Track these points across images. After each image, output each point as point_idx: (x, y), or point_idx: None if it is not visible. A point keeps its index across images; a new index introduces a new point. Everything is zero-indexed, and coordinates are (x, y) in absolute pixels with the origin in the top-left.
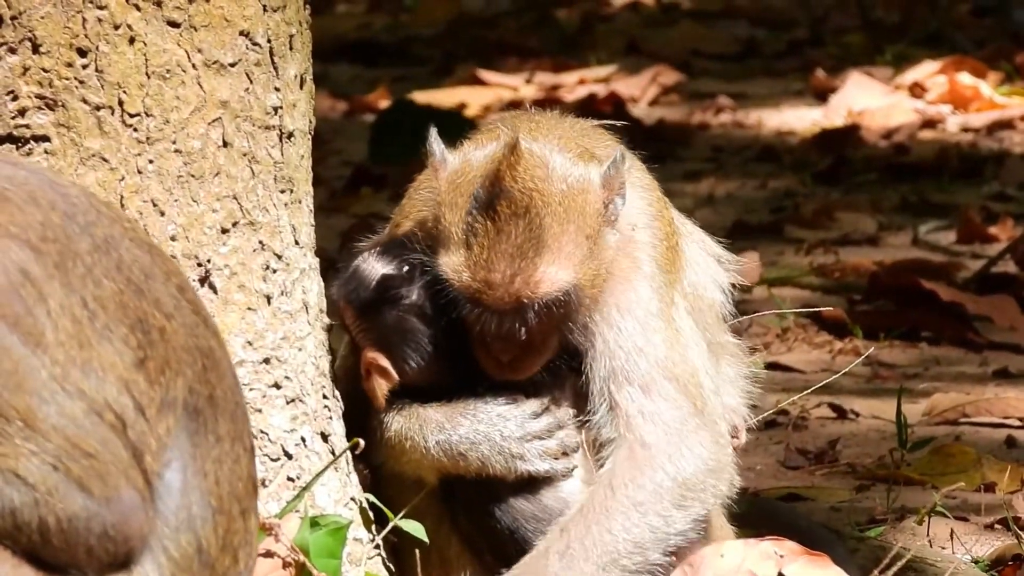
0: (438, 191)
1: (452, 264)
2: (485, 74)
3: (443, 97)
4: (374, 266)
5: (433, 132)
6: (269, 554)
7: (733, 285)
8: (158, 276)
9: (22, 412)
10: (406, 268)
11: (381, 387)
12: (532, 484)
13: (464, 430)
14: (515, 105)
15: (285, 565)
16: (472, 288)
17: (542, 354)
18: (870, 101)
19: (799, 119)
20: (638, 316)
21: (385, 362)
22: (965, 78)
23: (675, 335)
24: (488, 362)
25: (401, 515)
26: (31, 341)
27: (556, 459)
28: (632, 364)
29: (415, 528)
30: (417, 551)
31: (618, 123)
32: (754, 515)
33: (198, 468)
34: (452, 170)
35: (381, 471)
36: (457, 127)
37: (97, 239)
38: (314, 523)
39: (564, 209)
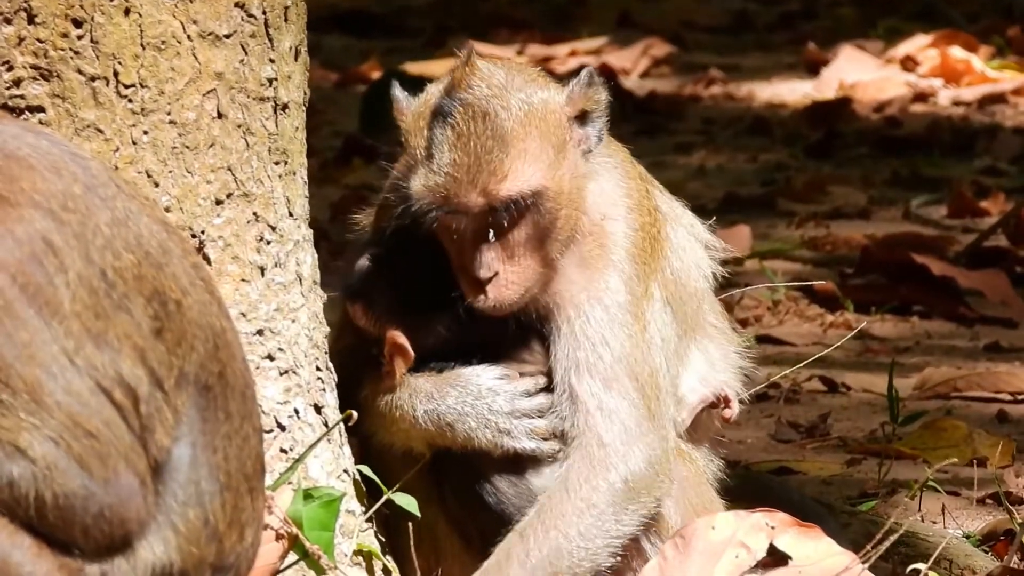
0: (405, 129)
1: (420, 179)
2: (477, 46)
3: (435, 68)
4: (358, 252)
5: (395, 83)
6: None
7: (717, 273)
8: (175, 252)
9: (30, 385)
10: (388, 233)
11: (400, 368)
12: (518, 465)
13: (452, 400)
14: None
15: (278, 537)
16: (440, 192)
17: (523, 274)
18: (862, 74)
19: (791, 92)
20: (607, 306)
21: (403, 339)
22: (957, 52)
23: (640, 331)
24: (470, 286)
25: (396, 488)
26: (48, 312)
27: (544, 440)
28: (596, 356)
29: (408, 502)
30: (410, 524)
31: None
32: (745, 489)
33: (207, 443)
34: (415, 104)
35: (371, 444)
36: None
37: (117, 212)
38: (307, 495)
39: (525, 115)
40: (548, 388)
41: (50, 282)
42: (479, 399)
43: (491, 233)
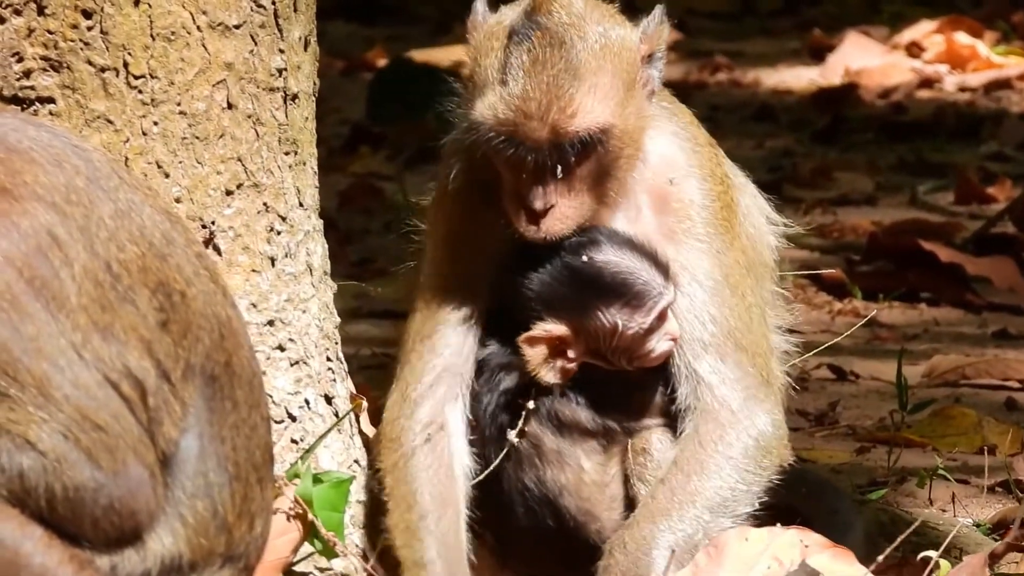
0: (475, 45)
1: (487, 103)
2: None
3: (441, 55)
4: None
5: None
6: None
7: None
8: (179, 242)
9: (37, 379)
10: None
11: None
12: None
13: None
14: None
15: (289, 518)
16: (508, 121)
17: (578, 210)
18: (867, 60)
19: (796, 78)
20: (704, 285)
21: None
22: (962, 37)
23: (740, 301)
24: (523, 216)
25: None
26: (54, 305)
27: None
28: (709, 334)
29: None
30: None
31: None
32: None
33: (215, 434)
34: (489, 23)
35: None
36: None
37: (120, 204)
38: (317, 480)
39: (600, 48)
40: None
41: (56, 275)
42: None
43: (557, 168)
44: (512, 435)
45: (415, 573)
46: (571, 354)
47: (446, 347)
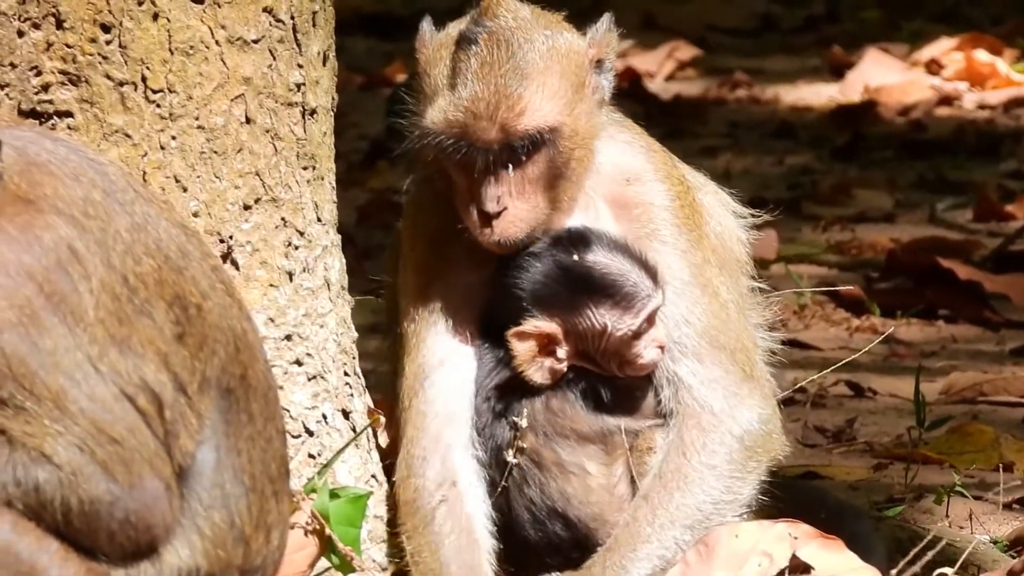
0: (424, 60)
1: (437, 107)
2: None
3: None
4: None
5: (427, 17)
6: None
7: (748, 240)
8: (194, 255)
9: (54, 393)
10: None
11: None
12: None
13: None
14: None
15: (306, 533)
16: (457, 122)
17: (531, 212)
18: (887, 77)
19: (816, 95)
20: (675, 287)
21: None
22: (982, 55)
23: (713, 299)
24: (477, 220)
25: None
26: (72, 319)
27: None
28: (683, 335)
29: None
30: None
31: None
32: (779, 491)
33: (231, 446)
34: (437, 38)
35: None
36: None
37: (136, 217)
38: (333, 495)
39: (547, 49)
40: None
41: (75, 289)
42: None
43: (508, 167)
44: (509, 456)
45: None
46: (560, 354)
47: (439, 396)
